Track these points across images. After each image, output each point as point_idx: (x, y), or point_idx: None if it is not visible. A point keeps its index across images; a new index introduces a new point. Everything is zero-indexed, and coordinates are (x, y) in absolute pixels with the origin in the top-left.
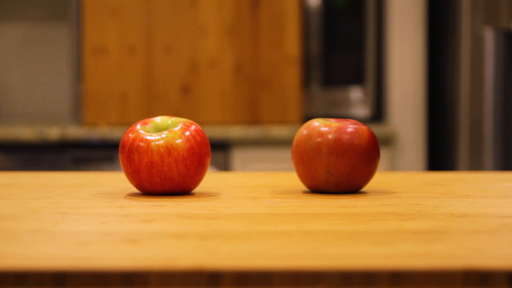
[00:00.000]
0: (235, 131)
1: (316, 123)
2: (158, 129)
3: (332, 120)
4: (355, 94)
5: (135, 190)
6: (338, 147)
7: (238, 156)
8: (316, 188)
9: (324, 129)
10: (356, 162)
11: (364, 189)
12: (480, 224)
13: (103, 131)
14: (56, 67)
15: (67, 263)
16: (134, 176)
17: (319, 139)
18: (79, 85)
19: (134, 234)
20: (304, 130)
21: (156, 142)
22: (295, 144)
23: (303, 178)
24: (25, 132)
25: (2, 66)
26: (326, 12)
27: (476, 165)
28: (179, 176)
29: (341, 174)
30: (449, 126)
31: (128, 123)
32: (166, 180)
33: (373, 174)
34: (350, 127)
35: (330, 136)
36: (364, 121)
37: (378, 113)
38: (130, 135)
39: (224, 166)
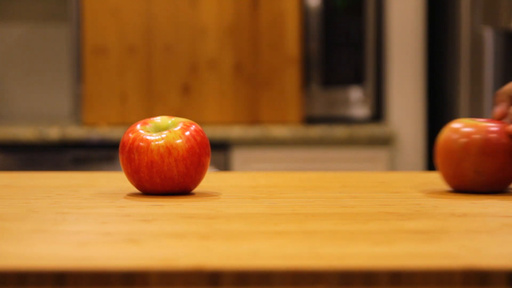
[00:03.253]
0: (235, 131)
1: (459, 124)
2: (158, 129)
3: (477, 120)
4: (355, 94)
5: (135, 190)
6: (487, 147)
7: (238, 156)
8: (463, 188)
9: (470, 129)
10: (504, 162)
11: (362, 189)
12: (480, 224)
13: (103, 131)
14: (56, 67)
15: (67, 263)
16: (134, 176)
17: (467, 140)
18: (79, 85)
19: (134, 234)
20: (448, 131)
21: (156, 142)
22: (441, 145)
23: (449, 178)
24: (25, 132)
25: (2, 66)
26: (326, 12)
27: None
28: (179, 176)
29: (489, 173)
30: None
31: (128, 123)
32: (166, 180)
33: None
34: (496, 126)
35: (478, 136)
36: (364, 121)
37: (378, 113)
38: (130, 135)
39: (224, 166)
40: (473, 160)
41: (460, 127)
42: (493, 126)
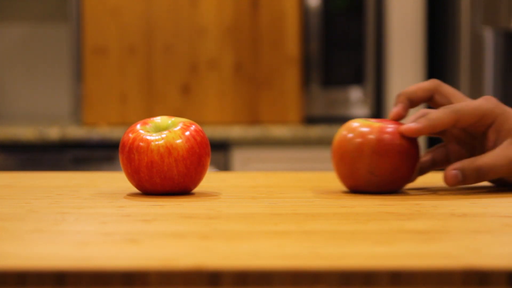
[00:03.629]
0: (235, 131)
1: (356, 123)
2: (158, 129)
3: (372, 120)
4: (355, 94)
5: (135, 190)
6: (380, 148)
7: (238, 156)
8: (357, 189)
9: (365, 129)
10: (398, 162)
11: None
12: (480, 224)
13: (103, 131)
14: (56, 67)
15: (67, 263)
16: (134, 176)
17: (361, 140)
18: (79, 85)
19: (134, 234)
20: (344, 130)
21: (156, 142)
22: (336, 145)
23: (344, 178)
24: (25, 132)
25: (2, 66)
26: (326, 12)
27: None
28: (179, 176)
29: (383, 174)
30: None
31: (128, 123)
32: (166, 180)
33: (414, 174)
34: (391, 127)
35: (372, 137)
36: None
37: (378, 113)
38: (130, 135)
39: (224, 166)
40: (367, 161)
41: (355, 127)
42: (388, 127)
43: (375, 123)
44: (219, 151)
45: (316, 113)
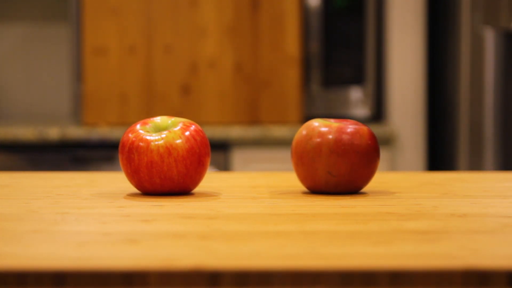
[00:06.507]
0: (235, 131)
1: (315, 123)
2: (158, 129)
3: (332, 120)
4: (355, 94)
5: (135, 190)
6: (338, 148)
7: (238, 156)
8: (316, 189)
9: (324, 129)
10: (356, 163)
11: (364, 189)
12: (480, 224)
13: (103, 131)
14: (56, 67)
15: (67, 263)
16: (134, 176)
17: (319, 140)
18: (79, 85)
19: (134, 234)
20: (303, 130)
21: (156, 142)
22: (295, 145)
23: (303, 179)
24: (25, 132)
25: (2, 66)
26: (326, 12)
27: (476, 165)
28: (179, 176)
29: (341, 174)
30: (449, 126)
31: (128, 123)
32: (166, 180)
33: (373, 174)
34: (350, 127)
35: (330, 137)
36: (364, 121)
37: (378, 113)
38: (130, 135)
39: (224, 166)
40: (325, 161)
41: (314, 127)
42: (347, 127)
43: (335, 123)
44: (219, 151)
45: (316, 113)
